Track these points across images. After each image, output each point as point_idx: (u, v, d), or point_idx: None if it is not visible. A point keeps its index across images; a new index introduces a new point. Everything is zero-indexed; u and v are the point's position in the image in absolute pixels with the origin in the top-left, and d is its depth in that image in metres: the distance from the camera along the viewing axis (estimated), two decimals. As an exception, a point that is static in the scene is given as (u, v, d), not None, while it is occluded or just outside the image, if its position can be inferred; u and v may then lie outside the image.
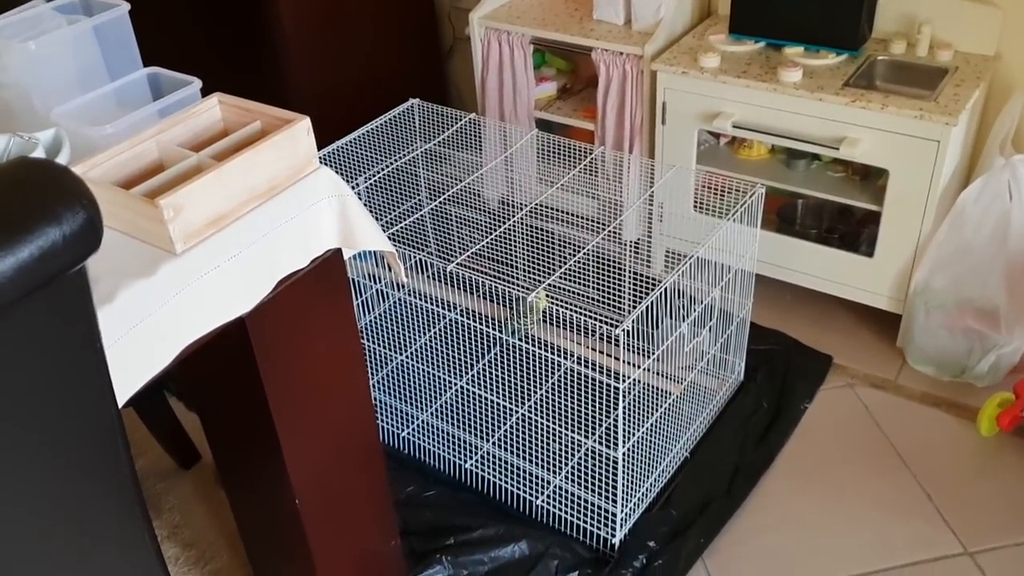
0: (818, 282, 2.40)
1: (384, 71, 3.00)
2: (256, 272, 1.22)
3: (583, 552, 1.87)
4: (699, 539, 1.89)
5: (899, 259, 2.24)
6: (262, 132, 1.27)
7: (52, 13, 1.40)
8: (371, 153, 2.26)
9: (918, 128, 2.06)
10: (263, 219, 1.22)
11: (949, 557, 1.85)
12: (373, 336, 2.31)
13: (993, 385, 2.20)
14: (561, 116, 2.72)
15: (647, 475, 1.96)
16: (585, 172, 2.23)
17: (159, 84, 1.38)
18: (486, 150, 2.47)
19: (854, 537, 1.91)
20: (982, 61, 2.24)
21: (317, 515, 1.50)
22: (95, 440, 0.95)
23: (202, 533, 1.99)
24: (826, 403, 2.23)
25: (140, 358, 1.09)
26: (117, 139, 1.24)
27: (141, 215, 1.13)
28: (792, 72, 2.19)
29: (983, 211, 2.13)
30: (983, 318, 2.17)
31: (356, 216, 1.33)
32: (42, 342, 0.82)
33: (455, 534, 1.89)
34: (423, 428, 2.14)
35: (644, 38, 2.42)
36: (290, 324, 1.32)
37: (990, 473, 2.02)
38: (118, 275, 1.08)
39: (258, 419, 1.37)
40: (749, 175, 2.37)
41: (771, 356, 2.34)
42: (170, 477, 2.12)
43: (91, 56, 1.37)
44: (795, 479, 2.04)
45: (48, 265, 0.74)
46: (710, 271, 1.97)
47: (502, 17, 2.63)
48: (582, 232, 2.41)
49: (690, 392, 2.09)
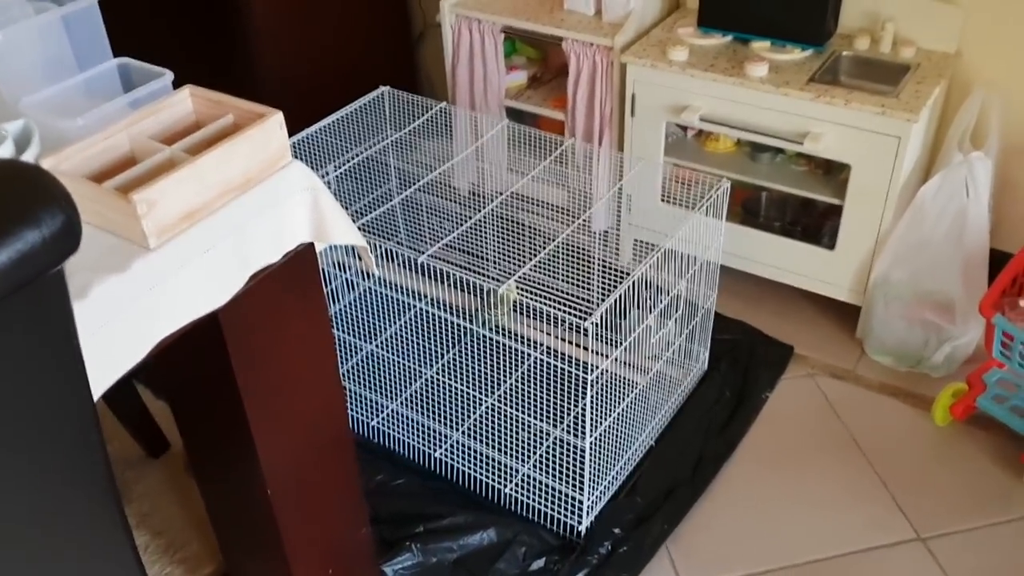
0: (781, 273, 2.45)
1: (354, 57, 2.99)
2: (229, 266, 1.23)
3: (550, 539, 1.90)
4: (663, 525, 1.93)
5: (859, 252, 2.29)
6: (235, 126, 1.27)
7: (20, 1, 1.38)
8: (341, 141, 2.26)
9: (880, 124, 2.11)
10: (236, 213, 1.22)
11: (903, 543, 1.91)
12: (342, 325, 2.31)
13: (948, 376, 2.26)
14: (531, 105, 2.73)
15: (613, 463, 2.00)
16: (556, 163, 2.25)
17: (129, 75, 1.37)
18: (457, 139, 2.48)
19: (813, 523, 1.96)
20: (943, 59, 2.29)
21: (288, 504, 1.51)
22: (71, 435, 0.96)
23: (171, 521, 1.99)
24: (787, 392, 2.28)
25: (114, 353, 1.10)
26: (88, 131, 1.23)
27: (114, 209, 1.13)
28: (758, 67, 2.23)
29: (941, 206, 2.18)
30: (939, 310, 2.23)
31: (328, 210, 1.34)
32: (19, 341, 0.83)
33: (424, 522, 1.92)
34: (393, 417, 2.16)
35: (614, 29, 2.44)
36: (262, 317, 1.33)
37: (944, 461, 2.08)
38: (91, 270, 1.08)
39: (230, 410, 1.38)
40: (715, 167, 2.40)
41: (734, 346, 2.38)
42: (139, 465, 2.12)
43: (60, 46, 1.36)
44: (756, 466, 2.09)
45: (27, 267, 0.74)
46: (677, 263, 2.00)
47: (473, 5, 2.64)
48: (552, 222, 2.43)
49: (656, 382, 2.13)
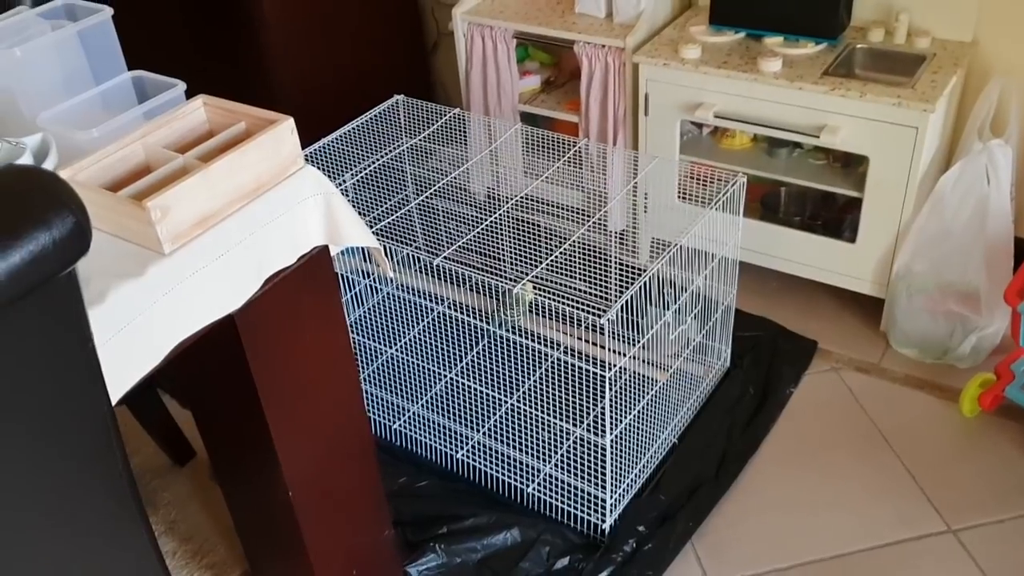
0: (802, 268, 2.43)
1: (369, 68, 3.02)
2: (244, 270, 1.24)
3: (574, 538, 1.90)
4: (688, 523, 1.92)
5: (881, 244, 2.27)
6: (247, 133, 1.29)
7: (37, 19, 1.42)
8: (357, 150, 2.28)
9: (897, 115, 2.09)
10: (250, 218, 1.24)
11: (933, 535, 1.89)
12: (363, 330, 2.33)
13: (975, 366, 2.24)
14: (545, 109, 2.74)
15: (636, 461, 1.99)
16: (570, 164, 2.25)
17: (144, 87, 1.39)
18: (471, 144, 2.49)
19: (840, 518, 1.94)
20: (959, 48, 2.27)
21: (311, 507, 1.52)
22: (90, 438, 0.97)
23: (198, 528, 2.01)
24: (811, 387, 2.27)
25: (132, 357, 1.12)
26: (103, 142, 1.25)
27: (129, 217, 1.15)
28: (772, 62, 2.22)
29: (962, 195, 2.16)
30: (964, 301, 2.20)
31: (341, 213, 1.35)
32: (35, 344, 0.84)
33: (448, 523, 1.92)
34: (414, 420, 2.17)
35: (626, 31, 2.44)
36: (279, 321, 1.34)
37: (972, 453, 2.06)
38: (108, 276, 1.10)
39: (250, 414, 1.39)
40: (732, 164, 2.39)
41: (757, 342, 2.37)
42: (165, 474, 2.15)
43: (76, 61, 1.39)
44: (782, 462, 2.08)
45: (39, 269, 0.76)
46: (695, 259, 2.00)
47: (485, 12, 2.65)
48: (568, 223, 2.44)
49: (677, 379, 2.12)
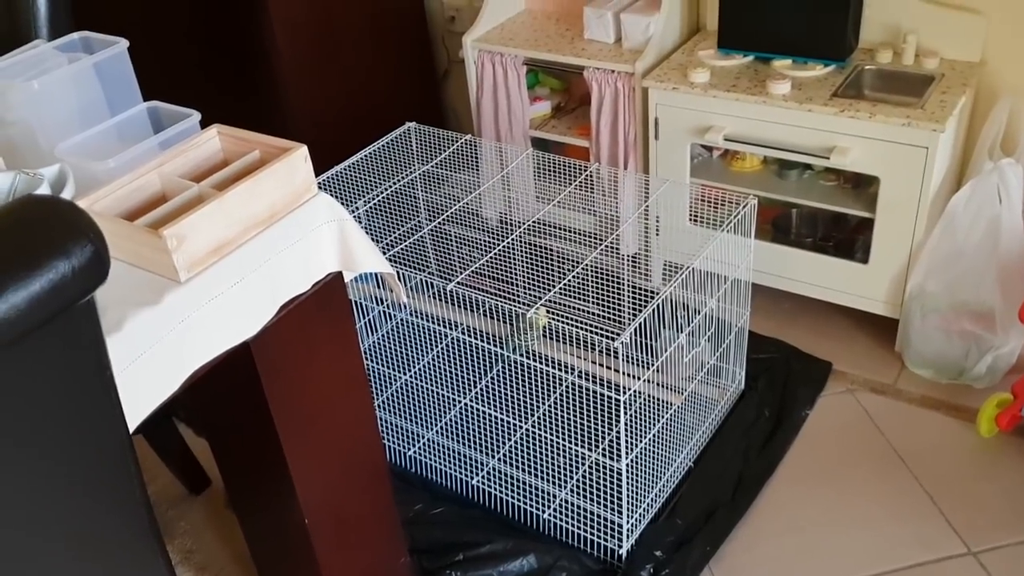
0: (815, 290, 2.43)
1: (380, 96, 3.04)
2: (259, 297, 1.25)
3: (591, 564, 1.88)
4: (705, 547, 1.91)
5: (893, 265, 2.27)
6: (261, 161, 1.31)
7: (53, 52, 1.44)
8: (370, 177, 2.29)
9: (906, 135, 2.09)
10: (264, 246, 1.25)
11: (953, 557, 1.87)
12: (377, 357, 2.34)
13: (991, 386, 2.22)
14: (556, 135, 2.76)
15: (652, 486, 1.98)
16: (581, 188, 2.26)
17: (159, 117, 1.41)
18: (483, 170, 2.50)
19: (859, 540, 1.92)
20: (968, 68, 2.27)
21: (326, 533, 1.52)
22: (108, 465, 0.98)
23: (214, 557, 2.01)
24: (827, 409, 2.26)
25: (149, 384, 1.12)
26: (119, 172, 1.27)
27: (146, 245, 1.16)
28: (781, 84, 2.23)
29: (974, 215, 2.16)
30: (979, 320, 2.19)
31: (355, 239, 1.36)
32: (54, 371, 0.85)
33: (464, 550, 1.91)
34: (429, 446, 2.17)
35: (635, 56, 2.46)
36: (294, 347, 1.35)
37: (991, 473, 2.04)
38: (125, 304, 1.12)
39: (265, 441, 1.40)
40: (743, 187, 2.40)
41: (771, 364, 2.36)
42: (181, 503, 2.15)
43: (92, 93, 1.41)
44: (799, 485, 2.06)
45: (59, 297, 0.77)
46: (708, 282, 2.00)
47: (495, 39, 2.68)
48: (581, 247, 2.44)
49: (692, 402, 2.11)
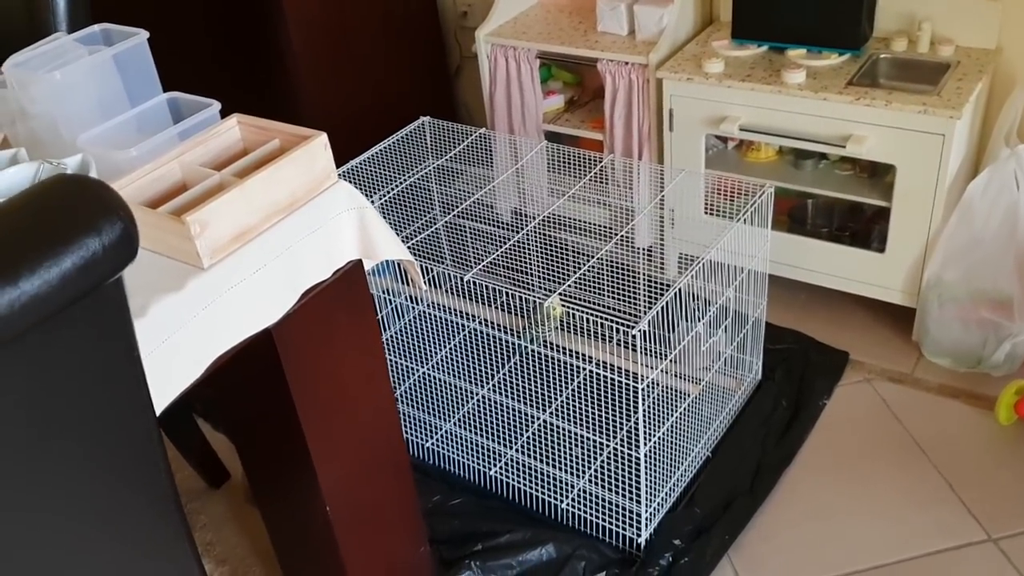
0: (832, 280, 2.42)
1: (394, 93, 3.05)
2: (281, 284, 1.26)
3: (610, 553, 1.89)
4: (724, 536, 1.90)
5: (910, 254, 2.26)
6: (281, 149, 1.31)
7: (74, 44, 1.45)
8: (385, 171, 2.30)
9: (923, 123, 2.09)
10: (286, 233, 1.26)
11: (973, 544, 1.86)
12: (395, 350, 2.34)
13: (1010, 374, 2.21)
14: (570, 128, 2.76)
15: (670, 474, 1.98)
16: (596, 180, 2.27)
17: (179, 108, 1.42)
18: (497, 164, 2.51)
19: (878, 528, 1.92)
20: (983, 55, 2.26)
21: (348, 523, 1.53)
22: (136, 449, 0.99)
23: (234, 549, 2.02)
24: (844, 399, 2.25)
25: (173, 370, 1.13)
26: (141, 162, 1.28)
27: (169, 232, 1.17)
28: (796, 74, 2.23)
29: (991, 202, 2.15)
30: (997, 308, 2.18)
31: (375, 227, 1.37)
32: (85, 352, 0.86)
33: (483, 540, 1.92)
34: (447, 438, 2.17)
35: (648, 47, 2.46)
36: (315, 334, 1.36)
37: (1010, 461, 2.03)
38: (149, 291, 1.12)
39: (288, 430, 1.40)
40: (758, 177, 2.40)
41: (788, 355, 2.36)
42: (201, 497, 2.16)
43: (112, 84, 1.42)
44: (817, 474, 2.06)
45: (89, 275, 0.78)
46: (724, 273, 1.99)
47: (507, 33, 2.68)
48: (596, 240, 2.44)
49: (709, 392, 2.11)
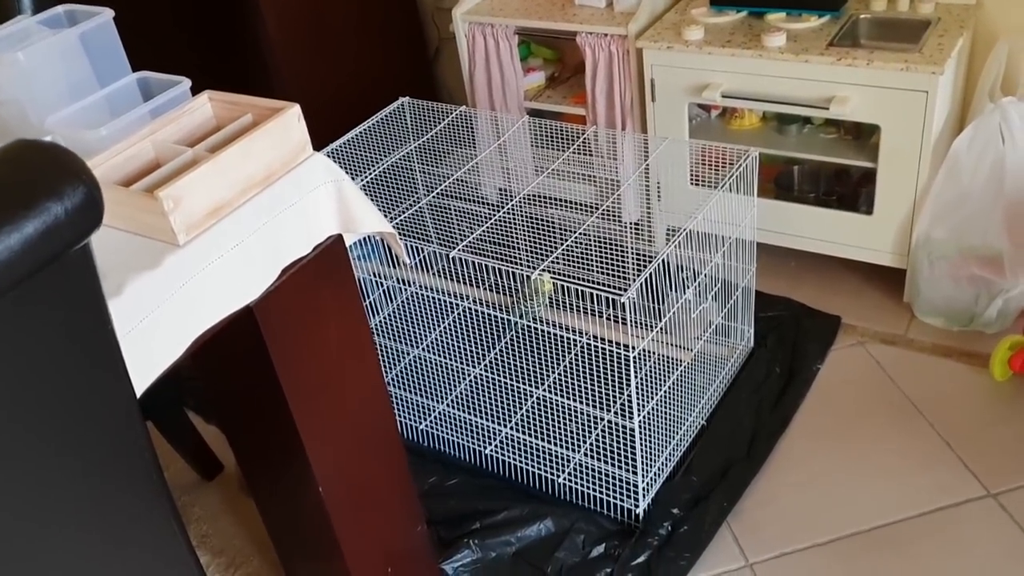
0: (821, 245, 2.41)
1: (372, 77, 3.02)
2: (260, 260, 1.24)
3: (608, 525, 1.87)
4: (722, 503, 1.89)
5: (898, 214, 2.25)
6: (254, 123, 1.29)
7: (38, 27, 1.42)
8: (366, 153, 2.27)
9: (905, 80, 2.07)
10: (262, 207, 1.23)
11: (973, 500, 1.85)
12: (386, 333, 2.32)
13: (1003, 330, 2.20)
14: (552, 104, 2.74)
15: (665, 444, 1.97)
16: (580, 153, 2.24)
17: (149, 88, 1.39)
18: (479, 142, 2.48)
19: (877, 489, 1.91)
20: (964, 11, 2.25)
21: (342, 504, 1.51)
22: (117, 432, 0.96)
23: (230, 540, 2.00)
24: (838, 363, 2.24)
25: (153, 349, 1.11)
26: (112, 141, 1.25)
27: (142, 210, 1.14)
28: (776, 37, 2.21)
29: (977, 157, 2.14)
30: (987, 264, 2.17)
31: (354, 200, 1.34)
32: (53, 325, 0.83)
33: (480, 518, 1.90)
34: (441, 419, 2.15)
35: (627, 18, 2.44)
36: (298, 311, 1.33)
37: (1007, 416, 2.02)
38: (124, 269, 1.10)
39: (276, 411, 1.38)
40: (743, 145, 2.37)
41: (780, 322, 2.35)
42: (195, 489, 2.13)
43: (80, 65, 1.39)
44: (813, 438, 2.05)
45: (52, 241, 0.75)
46: (711, 243, 1.98)
47: (484, 11, 2.65)
48: (583, 215, 2.42)
49: (701, 361, 2.10)
